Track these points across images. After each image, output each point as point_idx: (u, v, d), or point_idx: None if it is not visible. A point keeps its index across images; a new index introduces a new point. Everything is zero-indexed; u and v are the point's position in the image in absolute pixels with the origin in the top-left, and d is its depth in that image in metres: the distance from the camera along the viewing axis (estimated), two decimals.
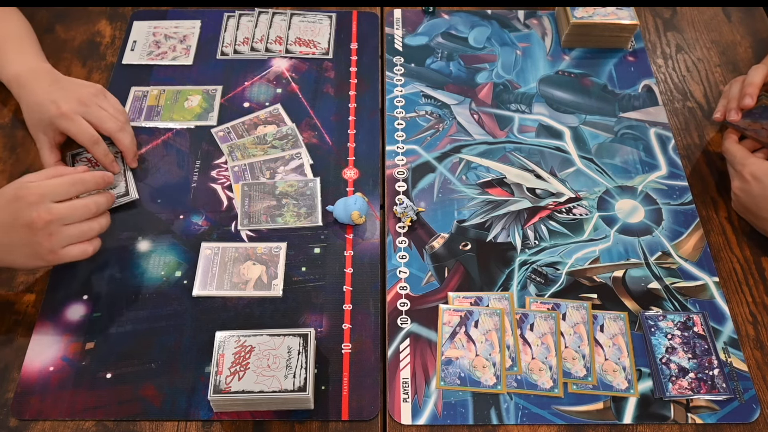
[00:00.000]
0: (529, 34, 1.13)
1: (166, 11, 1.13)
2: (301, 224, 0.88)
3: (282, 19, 1.12)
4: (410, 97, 1.03)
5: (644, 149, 0.98)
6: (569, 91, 1.05)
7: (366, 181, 0.93)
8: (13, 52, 0.94)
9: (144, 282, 0.83)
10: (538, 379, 0.77)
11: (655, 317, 0.81)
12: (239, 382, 0.71)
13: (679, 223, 0.90)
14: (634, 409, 0.75)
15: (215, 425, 0.73)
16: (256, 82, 1.04)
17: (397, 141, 0.98)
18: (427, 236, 0.88)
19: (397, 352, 0.79)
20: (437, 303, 0.82)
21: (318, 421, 0.74)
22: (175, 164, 0.94)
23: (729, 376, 0.77)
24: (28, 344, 0.78)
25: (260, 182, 0.92)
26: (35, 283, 0.83)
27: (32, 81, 0.90)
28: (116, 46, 1.09)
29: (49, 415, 0.73)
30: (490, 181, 0.94)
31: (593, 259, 0.87)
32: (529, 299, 0.83)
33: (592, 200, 0.92)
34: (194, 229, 0.88)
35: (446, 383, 0.76)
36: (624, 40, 1.10)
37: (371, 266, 0.85)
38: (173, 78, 1.04)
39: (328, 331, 0.80)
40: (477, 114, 1.02)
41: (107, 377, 0.76)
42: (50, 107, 0.87)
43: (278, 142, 0.97)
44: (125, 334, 0.79)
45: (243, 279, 0.83)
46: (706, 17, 1.17)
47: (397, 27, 1.13)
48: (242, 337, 0.74)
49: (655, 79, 1.07)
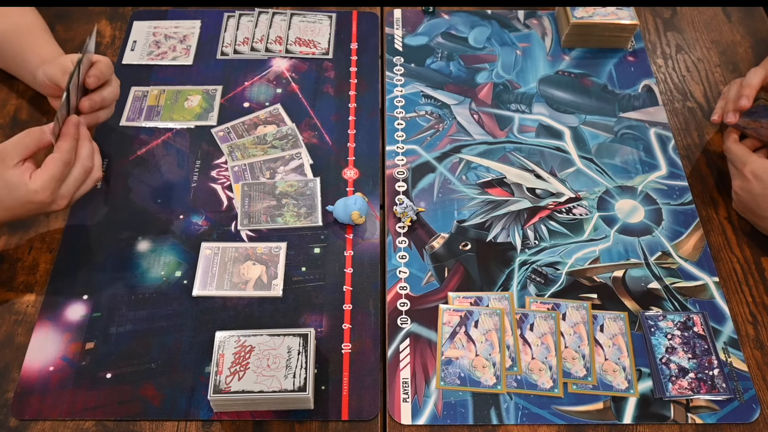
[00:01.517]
0: (529, 34, 1.13)
1: (166, 11, 1.13)
2: (301, 224, 0.88)
3: (282, 19, 1.12)
4: (410, 97, 1.03)
5: (644, 149, 0.98)
6: (569, 91, 1.05)
7: (366, 181, 0.93)
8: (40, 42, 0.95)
9: (144, 282, 0.83)
10: (538, 379, 0.77)
11: (655, 317, 0.81)
12: (239, 382, 0.71)
13: (679, 223, 0.90)
14: (634, 409, 0.75)
15: (215, 425, 0.73)
16: (256, 82, 1.04)
17: (397, 141, 0.98)
18: (427, 236, 0.88)
19: (397, 352, 0.79)
20: (437, 303, 0.82)
21: (318, 421, 0.74)
22: (175, 164, 0.94)
23: (729, 376, 0.77)
24: (28, 344, 0.78)
25: (260, 182, 0.92)
26: (35, 283, 0.83)
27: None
28: (116, 46, 1.09)
29: (49, 415, 0.73)
30: (490, 181, 0.94)
31: (593, 259, 0.87)
32: (529, 299, 0.83)
33: (592, 200, 0.92)
34: (194, 229, 0.88)
35: (446, 383, 0.76)
36: (624, 40, 1.10)
37: (371, 266, 0.85)
38: (173, 78, 1.04)
39: (328, 331, 0.80)
40: (477, 114, 1.02)
41: (107, 377, 0.76)
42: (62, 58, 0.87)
43: (278, 142, 0.97)
44: (125, 334, 0.79)
45: (243, 279, 0.83)
46: (706, 17, 1.17)
47: (397, 27, 1.13)
48: (242, 337, 0.74)
49: (655, 79, 1.07)
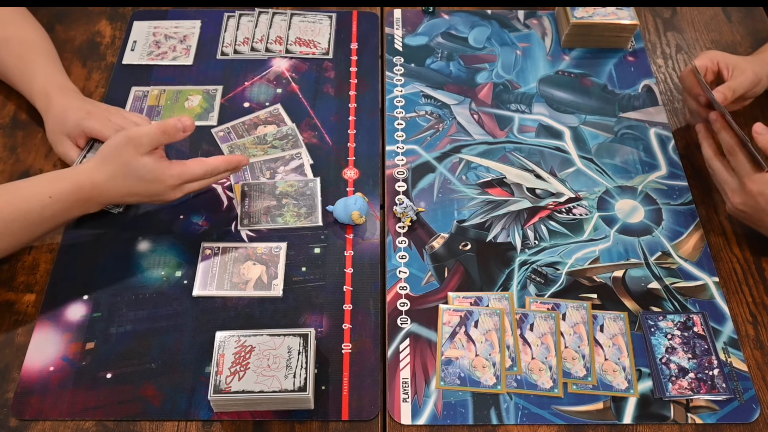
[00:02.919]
0: (529, 34, 1.13)
1: (166, 11, 1.13)
2: (301, 224, 0.88)
3: (282, 19, 1.12)
4: (410, 97, 1.03)
5: (644, 149, 0.98)
6: (569, 91, 1.05)
7: (366, 181, 0.94)
8: (41, 66, 0.96)
9: (144, 282, 0.83)
10: (538, 379, 0.77)
11: (655, 317, 0.81)
12: (239, 382, 0.71)
13: (679, 223, 0.90)
14: (634, 409, 0.75)
15: (215, 425, 0.73)
16: (256, 82, 1.04)
17: (397, 141, 0.98)
18: (427, 236, 0.88)
19: (397, 352, 0.79)
20: (437, 303, 0.82)
21: (318, 421, 0.74)
22: None
23: (729, 376, 0.77)
24: (28, 344, 0.78)
25: (260, 182, 0.92)
26: (35, 283, 0.83)
27: (60, 95, 0.92)
28: (116, 46, 1.09)
29: (49, 415, 0.73)
30: (490, 181, 0.94)
31: (593, 259, 0.87)
32: (529, 299, 0.83)
33: (592, 200, 0.92)
34: (194, 229, 0.88)
35: (446, 383, 0.76)
36: (624, 40, 1.10)
37: (371, 266, 0.85)
38: (173, 78, 1.04)
39: (328, 331, 0.80)
40: (477, 114, 1.02)
41: (107, 377, 0.76)
42: (78, 112, 0.89)
43: (278, 142, 0.97)
44: (125, 334, 0.79)
45: (243, 279, 0.83)
46: (706, 17, 1.17)
47: (397, 27, 1.13)
48: (242, 337, 0.74)
49: (655, 79, 1.07)
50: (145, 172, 0.80)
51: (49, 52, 0.99)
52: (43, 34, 1.01)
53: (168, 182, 0.81)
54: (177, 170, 0.81)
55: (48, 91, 0.92)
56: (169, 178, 0.81)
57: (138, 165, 0.79)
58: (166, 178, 0.80)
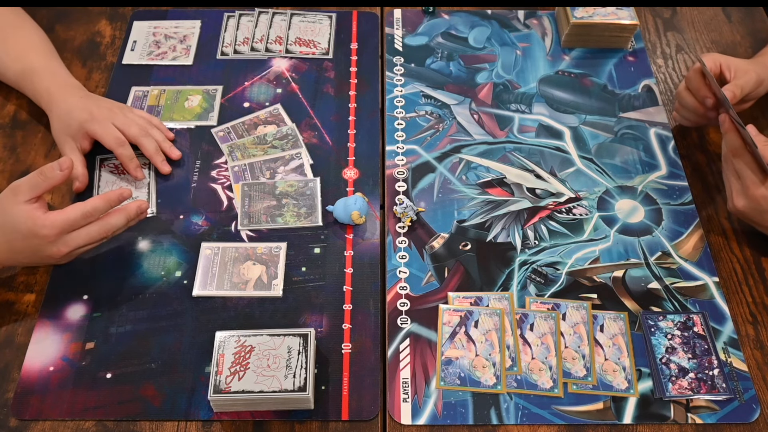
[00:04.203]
0: (529, 34, 1.13)
1: (166, 11, 1.13)
2: (301, 224, 0.88)
3: (282, 19, 1.12)
4: (410, 97, 1.03)
5: (644, 149, 0.98)
6: (569, 91, 1.05)
7: (366, 181, 0.93)
8: (43, 66, 0.96)
9: (144, 282, 0.83)
10: (538, 379, 0.77)
11: (655, 317, 0.81)
12: (239, 382, 0.71)
13: (679, 223, 0.90)
14: (634, 409, 0.75)
15: (215, 425, 0.73)
16: (256, 82, 1.04)
17: (397, 141, 0.98)
18: (427, 236, 0.88)
19: (397, 352, 0.79)
20: (437, 303, 0.82)
21: (318, 421, 0.74)
22: (175, 164, 0.94)
23: (729, 376, 0.77)
24: (28, 344, 0.78)
25: (260, 182, 0.92)
26: (35, 283, 0.83)
27: (64, 93, 0.92)
28: (116, 46, 1.09)
29: (49, 415, 0.73)
30: (490, 181, 0.94)
31: (593, 259, 0.87)
32: (529, 299, 0.83)
33: (592, 200, 0.92)
34: (194, 229, 0.88)
35: (446, 383, 0.76)
36: (624, 40, 1.10)
37: (371, 266, 0.85)
38: (173, 78, 1.04)
39: (328, 331, 0.80)
40: (477, 114, 1.02)
41: (107, 377, 0.76)
42: (82, 113, 0.90)
43: (278, 142, 0.97)
44: (125, 334, 0.79)
45: (243, 279, 0.83)
46: (706, 17, 1.17)
47: (397, 27, 1.13)
48: (242, 337, 0.74)
49: (655, 79, 1.07)
50: (18, 223, 0.74)
51: (48, 50, 0.99)
52: (41, 33, 1.01)
53: (42, 233, 0.74)
54: (51, 219, 0.74)
55: (51, 89, 0.92)
56: (43, 228, 0.74)
57: (13, 213, 0.74)
58: (39, 229, 0.74)
